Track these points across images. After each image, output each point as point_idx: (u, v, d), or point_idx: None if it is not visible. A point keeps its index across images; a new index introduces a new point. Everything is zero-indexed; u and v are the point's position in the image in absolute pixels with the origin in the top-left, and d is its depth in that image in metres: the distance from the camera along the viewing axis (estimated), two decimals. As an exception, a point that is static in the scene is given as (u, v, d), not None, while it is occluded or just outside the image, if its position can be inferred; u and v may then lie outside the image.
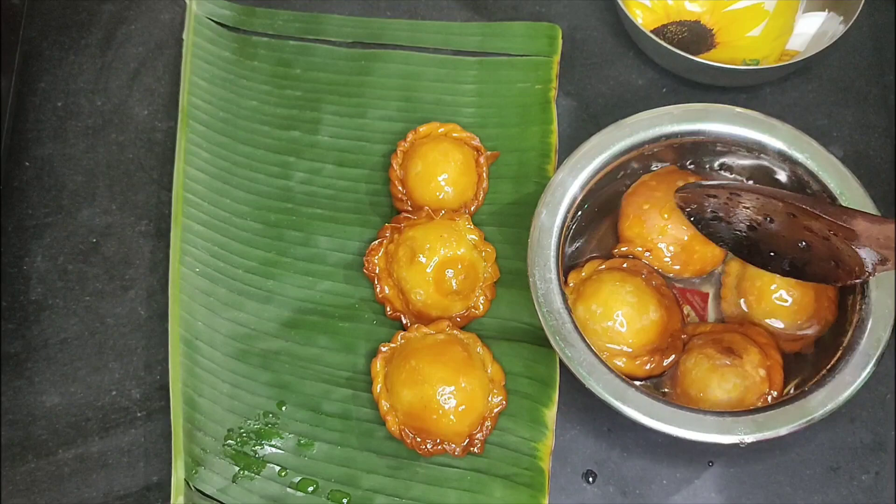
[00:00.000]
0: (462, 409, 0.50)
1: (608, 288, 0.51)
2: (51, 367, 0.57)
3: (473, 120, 0.63)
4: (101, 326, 0.59)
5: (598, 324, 0.51)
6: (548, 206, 0.53)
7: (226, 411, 0.54)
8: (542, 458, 0.51)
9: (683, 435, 0.46)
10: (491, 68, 0.65)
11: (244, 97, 0.65)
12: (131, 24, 0.69)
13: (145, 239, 0.61)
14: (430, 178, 0.57)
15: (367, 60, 0.66)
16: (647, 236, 0.54)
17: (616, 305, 0.51)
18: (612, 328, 0.51)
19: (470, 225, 0.56)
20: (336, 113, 0.64)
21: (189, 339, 0.56)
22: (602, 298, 0.51)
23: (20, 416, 0.56)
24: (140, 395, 0.57)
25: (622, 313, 0.51)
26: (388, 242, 0.56)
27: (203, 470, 0.52)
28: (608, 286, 0.52)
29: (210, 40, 0.66)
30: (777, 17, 0.65)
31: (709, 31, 0.66)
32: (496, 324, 0.56)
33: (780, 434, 0.46)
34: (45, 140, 0.65)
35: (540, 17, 0.67)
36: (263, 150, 0.63)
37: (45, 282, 0.60)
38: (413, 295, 0.54)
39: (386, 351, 0.53)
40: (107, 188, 0.63)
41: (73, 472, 0.54)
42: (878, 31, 0.66)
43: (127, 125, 0.65)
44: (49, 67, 0.68)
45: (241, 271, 0.59)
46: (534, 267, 0.51)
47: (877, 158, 0.61)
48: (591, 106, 0.64)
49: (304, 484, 0.52)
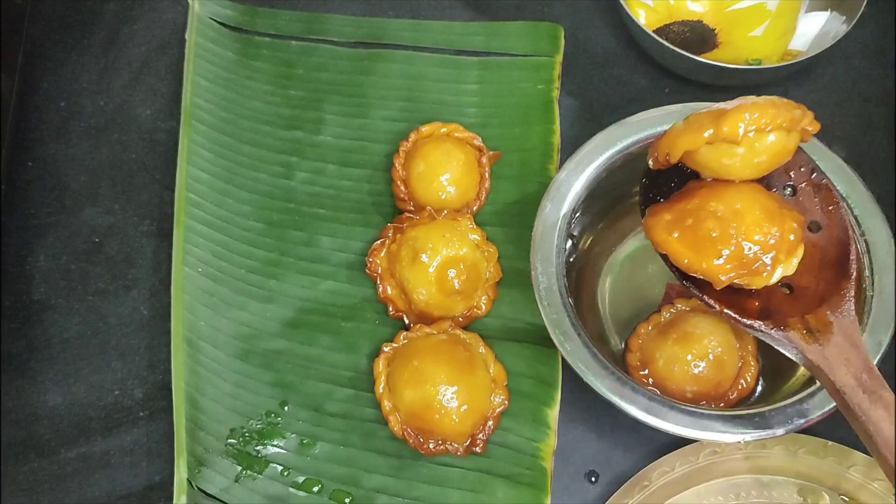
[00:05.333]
0: (464, 409, 0.50)
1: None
2: (53, 367, 0.57)
3: (476, 120, 0.63)
4: (104, 326, 0.59)
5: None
6: (552, 202, 0.53)
7: (228, 411, 0.54)
8: (544, 457, 0.51)
9: (683, 433, 0.46)
10: (493, 68, 0.65)
11: (247, 97, 0.65)
12: (134, 24, 0.69)
13: (148, 239, 0.61)
14: (433, 178, 0.57)
15: (370, 60, 0.66)
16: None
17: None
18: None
19: (472, 225, 0.56)
20: (338, 113, 0.64)
21: (192, 338, 0.56)
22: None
23: (22, 416, 0.56)
24: (142, 394, 0.57)
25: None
26: (391, 242, 0.56)
27: (205, 469, 0.53)
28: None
29: (213, 40, 0.67)
30: (779, 17, 0.65)
31: (711, 30, 0.66)
32: (498, 324, 0.56)
33: (779, 434, 0.46)
34: (48, 140, 0.65)
35: (542, 17, 0.67)
36: (266, 150, 0.63)
37: (47, 281, 0.60)
38: (415, 295, 0.54)
39: (388, 351, 0.53)
40: (109, 188, 0.63)
41: (75, 472, 0.54)
42: (880, 31, 0.66)
43: (129, 125, 0.65)
44: (52, 67, 0.68)
45: (244, 271, 0.59)
46: (536, 261, 0.51)
47: (879, 159, 0.61)
48: (593, 106, 0.64)
49: (308, 484, 0.52)
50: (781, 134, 0.43)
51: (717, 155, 0.43)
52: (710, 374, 0.50)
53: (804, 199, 0.47)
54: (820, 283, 0.44)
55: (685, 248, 0.43)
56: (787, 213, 0.44)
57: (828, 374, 0.41)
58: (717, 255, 0.42)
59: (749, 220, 0.42)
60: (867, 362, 0.41)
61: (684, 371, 0.50)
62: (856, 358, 0.41)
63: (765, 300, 0.44)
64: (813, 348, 0.42)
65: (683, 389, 0.51)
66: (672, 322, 0.53)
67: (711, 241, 0.42)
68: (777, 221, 0.43)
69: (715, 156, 0.43)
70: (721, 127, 0.42)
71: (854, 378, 0.40)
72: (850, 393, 0.40)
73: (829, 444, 0.51)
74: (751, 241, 0.42)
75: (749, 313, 0.44)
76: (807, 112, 0.43)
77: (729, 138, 0.42)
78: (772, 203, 0.44)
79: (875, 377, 0.40)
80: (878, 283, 0.49)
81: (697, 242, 0.43)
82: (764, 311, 0.44)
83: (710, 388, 0.51)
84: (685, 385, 0.51)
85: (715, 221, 0.43)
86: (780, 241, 0.42)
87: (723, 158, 0.43)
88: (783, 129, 0.42)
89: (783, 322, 0.43)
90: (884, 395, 0.39)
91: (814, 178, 0.47)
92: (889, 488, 0.50)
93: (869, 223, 0.50)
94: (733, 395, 0.51)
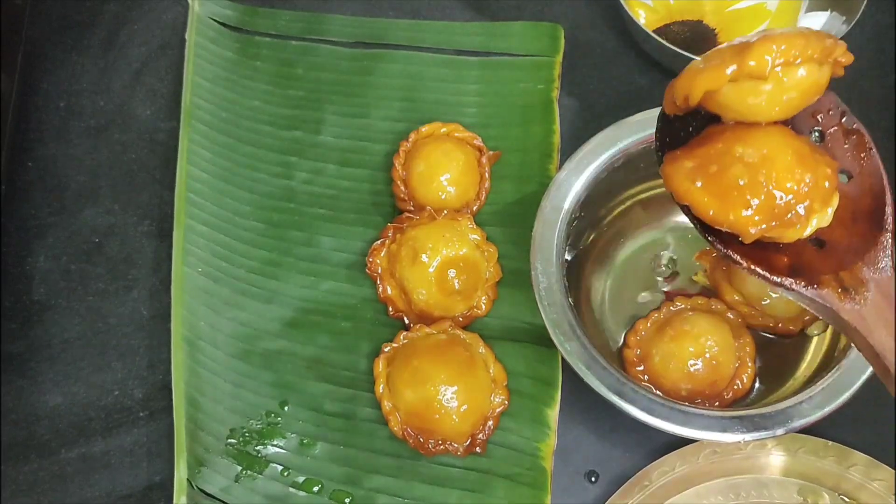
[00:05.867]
0: (464, 408, 0.50)
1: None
2: (53, 367, 0.57)
3: (476, 120, 0.63)
4: (104, 326, 0.59)
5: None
6: (552, 202, 0.53)
7: (228, 411, 0.54)
8: (544, 457, 0.51)
9: (683, 433, 0.46)
10: (493, 68, 0.65)
11: (247, 97, 0.65)
12: (134, 24, 0.69)
13: (148, 239, 0.61)
14: (433, 178, 0.57)
15: (370, 60, 0.66)
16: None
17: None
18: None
19: (472, 225, 0.56)
20: (338, 113, 0.64)
21: (191, 338, 0.56)
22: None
23: (23, 416, 0.56)
24: (142, 394, 0.57)
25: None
26: (391, 242, 0.56)
27: (205, 469, 0.53)
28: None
29: (212, 40, 0.67)
30: (779, 18, 0.65)
31: (711, 30, 0.66)
32: (498, 324, 0.56)
33: (779, 434, 0.46)
34: (48, 140, 0.65)
35: (542, 17, 0.67)
36: (266, 150, 0.63)
37: (47, 282, 0.60)
38: (415, 295, 0.54)
39: (388, 351, 0.53)
40: (109, 188, 0.63)
41: (75, 472, 0.54)
42: (880, 31, 0.66)
43: (129, 125, 0.65)
44: (51, 68, 0.68)
45: (244, 271, 0.59)
46: (536, 261, 0.51)
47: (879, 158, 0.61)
48: (593, 106, 0.64)
49: (308, 484, 0.52)
50: (812, 67, 0.38)
51: (742, 94, 0.38)
52: (706, 372, 0.50)
53: (833, 146, 0.42)
54: (853, 237, 0.40)
55: (710, 198, 0.39)
56: (820, 157, 0.40)
57: (865, 335, 0.37)
58: (746, 204, 0.38)
59: (780, 165, 0.38)
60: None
61: (680, 368, 0.50)
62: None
63: (795, 256, 0.40)
64: (849, 307, 0.38)
65: (678, 387, 0.51)
66: (670, 320, 0.53)
67: (739, 190, 0.38)
68: (810, 167, 0.38)
69: (739, 95, 0.39)
70: (746, 61, 0.37)
71: (894, 340, 0.37)
72: (889, 356, 0.36)
73: (829, 444, 0.51)
74: (782, 188, 0.38)
75: (778, 270, 0.40)
76: (839, 42, 0.38)
77: (755, 73, 0.37)
78: (803, 147, 0.39)
79: None
80: (877, 285, 0.48)
81: (723, 191, 0.38)
82: (794, 268, 0.40)
83: (706, 387, 0.51)
84: (680, 383, 0.51)
85: (742, 167, 0.38)
86: (813, 188, 0.38)
87: (748, 97, 0.39)
88: (814, 61, 0.38)
89: (815, 279, 0.39)
90: None
91: (844, 121, 0.43)
92: (889, 488, 0.50)
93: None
94: (728, 395, 0.51)
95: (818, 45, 0.37)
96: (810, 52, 0.37)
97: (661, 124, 0.44)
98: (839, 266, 0.39)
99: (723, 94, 0.39)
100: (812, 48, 0.37)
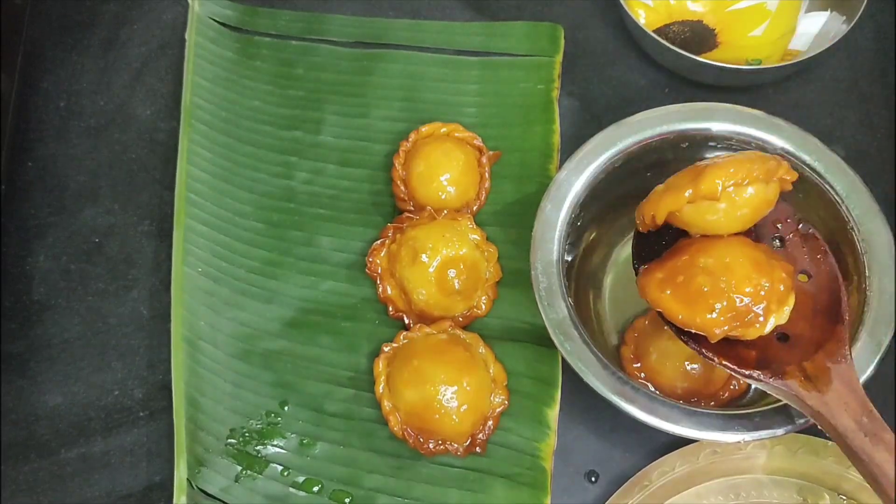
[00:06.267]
0: (464, 408, 0.50)
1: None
2: (53, 367, 0.57)
3: (476, 120, 0.63)
4: (104, 326, 0.59)
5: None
6: (552, 201, 0.53)
7: (228, 411, 0.54)
8: (544, 457, 0.51)
9: (683, 433, 0.46)
10: (493, 68, 0.65)
11: (246, 97, 0.65)
12: (133, 24, 0.69)
13: (148, 239, 0.61)
14: (433, 178, 0.57)
15: (370, 60, 0.66)
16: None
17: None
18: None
19: (472, 225, 0.56)
20: (338, 113, 0.64)
21: (191, 338, 0.56)
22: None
23: (22, 416, 0.56)
24: (142, 394, 0.57)
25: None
26: (391, 242, 0.56)
27: (205, 469, 0.53)
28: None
29: (212, 40, 0.67)
30: (779, 17, 0.65)
31: (711, 30, 0.66)
32: (498, 324, 0.56)
33: (779, 434, 0.46)
34: (48, 140, 0.65)
35: (542, 17, 0.67)
36: (266, 150, 0.63)
37: (47, 282, 0.60)
38: (415, 295, 0.54)
39: (388, 351, 0.53)
40: (109, 188, 0.63)
41: (75, 472, 0.54)
42: (880, 31, 0.66)
43: (129, 125, 0.65)
44: (51, 67, 0.68)
45: (244, 271, 0.59)
46: (536, 261, 0.51)
47: (879, 159, 0.61)
48: (593, 106, 0.64)
49: (308, 484, 0.52)
50: (760, 186, 0.44)
51: (701, 212, 0.44)
52: (702, 372, 0.51)
53: (793, 250, 0.48)
54: (814, 329, 0.45)
55: (679, 305, 0.44)
56: (775, 263, 0.44)
57: (829, 419, 0.41)
58: (710, 309, 0.43)
59: (738, 272, 0.43)
60: (866, 405, 0.41)
61: (676, 367, 0.51)
62: (855, 402, 0.41)
63: (761, 350, 0.44)
64: (813, 395, 0.42)
65: (674, 385, 0.51)
66: None
67: (703, 296, 0.43)
68: (766, 272, 0.43)
69: (698, 213, 0.44)
70: (699, 186, 0.43)
71: (855, 422, 0.40)
72: (851, 437, 0.40)
73: (829, 444, 0.51)
74: (741, 293, 0.42)
75: (747, 363, 0.44)
76: (781, 162, 0.44)
77: (708, 195, 0.43)
78: (760, 254, 0.44)
79: (875, 419, 0.40)
80: (878, 284, 0.49)
81: (690, 298, 0.43)
82: (761, 361, 0.44)
83: (701, 386, 0.51)
84: (676, 381, 0.51)
85: (705, 276, 0.43)
86: (770, 291, 0.43)
87: (706, 215, 0.44)
88: (760, 180, 0.43)
89: (781, 371, 0.43)
90: (885, 437, 0.40)
91: (801, 228, 0.48)
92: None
93: (869, 223, 0.50)
94: (724, 395, 0.51)
95: (762, 167, 0.43)
96: (756, 174, 0.43)
97: (637, 240, 0.49)
98: (803, 357, 0.44)
99: (684, 213, 0.45)
100: (757, 170, 0.43)
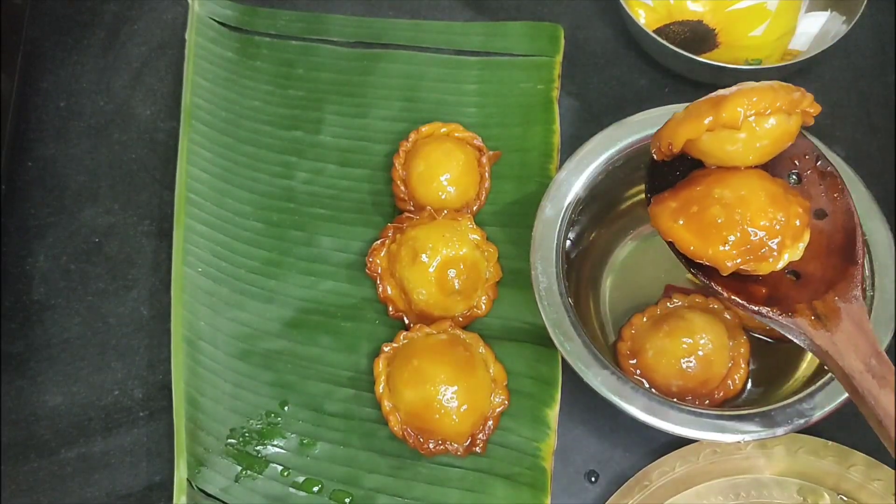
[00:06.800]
0: (464, 408, 0.50)
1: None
2: (53, 367, 0.57)
3: (476, 120, 0.63)
4: (104, 326, 0.59)
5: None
6: (552, 201, 0.53)
7: (228, 411, 0.54)
8: (544, 457, 0.51)
9: (683, 433, 0.46)
10: (493, 68, 0.65)
11: (247, 97, 0.65)
12: (134, 24, 0.69)
13: (148, 239, 0.61)
14: (433, 178, 0.57)
15: (370, 60, 0.66)
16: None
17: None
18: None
19: (472, 225, 0.56)
20: (338, 113, 0.64)
21: (191, 338, 0.56)
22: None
23: (22, 416, 0.56)
24: (142, 394, 0.57)
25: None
26: (391, 242, 0.56)
27: (205, 469, 0.53)
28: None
29: (212, 40, 0.67)
30: (779, 17, 0.65)
31: (711, 30, 0.66)
32: (498, 323, 0.56)
33: (779, 434, 0.46)
34: (48, 140, 0.65)
35: (542, 17, 0.67)
36: (266, 150, 0.63)
37: (47, 282, 0.60)
38: (415, 295, 0.54)
39: (388, 351, 0.53)
40: (109, 188, 0.63)
41: (75, 472, 0.54)
42: (880, 31, 0.66)
43: (129, 125, 0.65)
44: (51, 67, 0.68)
45: (244, 271, 0.59)
46: (536, 261, 0.51)
47: (879, 158, 0.61)
48: (593, 106, 0.64)
49: (308, 484, 0.52)
50: (782, 117, 0.43)
51: (719, 142, 0.43)
52: (698, 370, 0.50)
53: (809, 187, 0.47)
54: (827, 269, 0.44)
55: (691, 235, 0.43)
56: (792, 198, 0.43)
57: (836, 359, 0.40)
58: (723, 241, 0.42)
59: (754, 205, 0.42)
60: (875, 347, 0.40)
61: (672, 364, 0.50)
62: (864, 343, 0.40)
63: (772, 287, 0.44)
64: (821, 334, 0.41)
65: (670, 383, 0.51)
66: (666, 315, 0.53)
67: (717, 228, 0.42)
68: (782, 207, 0.42)
69: (717, 143, 0.43)
70: (721, 113, 0.42)
71: (863, 363, 0.40)
72: (858, 378, 0.39)
73: (829, 444, 0.51)
74: (756, 226, 0.42)
75: (756, 299, 0.43)
76: (806, 94, 0.43)
77: (729, 124, 0.42)
78: (776, 188, 0.43)
79: (884, 362, 0.40)
80: (878, 284, 0.49)
81: (703, 229, 0.43)
82: (771, 298, 0.43)
83: (697, 385, 0.51)
84: (672, 379, 0.51)
85: (720, 208, 0.42)
86: (785, 226, 0.42)
87: (725, 145, 0.43)
88: (783, 111, 0.42)
89: (791, 308, 0.42)
90: (892, 380, 0.39)
91: (819, 165, 0.47)
92: (889, 488, 0.50)
93: (869, 223, 0.50)
94: (720, 395, 0.51)
95: (786, 97, 0.42)
96: (779, 104, 0.42)
97: (651, 168, 0.48)
98: (813, 296, 0.43)
99: (703, 143, 0.43)
100: (781, 100, 0.42)
